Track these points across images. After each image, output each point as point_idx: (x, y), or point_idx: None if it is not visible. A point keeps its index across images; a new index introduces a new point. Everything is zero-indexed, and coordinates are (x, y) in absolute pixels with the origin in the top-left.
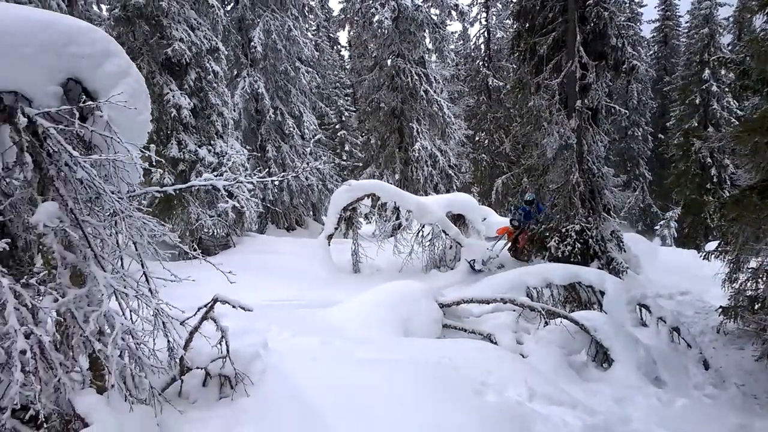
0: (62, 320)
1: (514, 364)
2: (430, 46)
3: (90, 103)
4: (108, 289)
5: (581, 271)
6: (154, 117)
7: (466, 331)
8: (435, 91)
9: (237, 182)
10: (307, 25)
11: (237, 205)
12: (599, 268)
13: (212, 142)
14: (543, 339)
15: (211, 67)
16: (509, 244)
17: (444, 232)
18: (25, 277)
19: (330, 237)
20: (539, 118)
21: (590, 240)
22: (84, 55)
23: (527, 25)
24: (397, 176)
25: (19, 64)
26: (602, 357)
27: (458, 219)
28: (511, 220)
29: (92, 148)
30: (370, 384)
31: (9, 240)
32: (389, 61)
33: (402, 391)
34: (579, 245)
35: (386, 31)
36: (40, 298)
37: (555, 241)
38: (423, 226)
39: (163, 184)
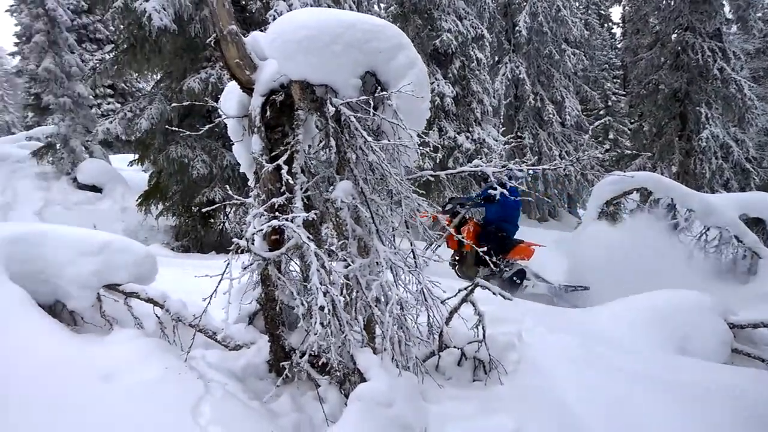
0: (349, 284)
1: None
2: (729, 15)
3: (384, 93)
4: (387, 262)
5: None
6: None
7: (764, 361)
8: (733, 69)
9: (506, 169)
10: (577, 4)
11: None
12: None
13: (470, 129)
14: None
15: (475, 55)
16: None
17: (736, 238)
18: (327, 244)
19: None
20: None
21: None
22: (381, 50)
23: None
24: (674, 169)
25: (331, 60)
26: None
27: (756, 224)
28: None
29: (380, 134)
30: (643, 403)
31: (316, 212)
32: (674, 36)
33: (687, 424)
34: None
35: (672, 2)
36: (333, 263)
37: None
38: (707, 229)
39: (423, 168)
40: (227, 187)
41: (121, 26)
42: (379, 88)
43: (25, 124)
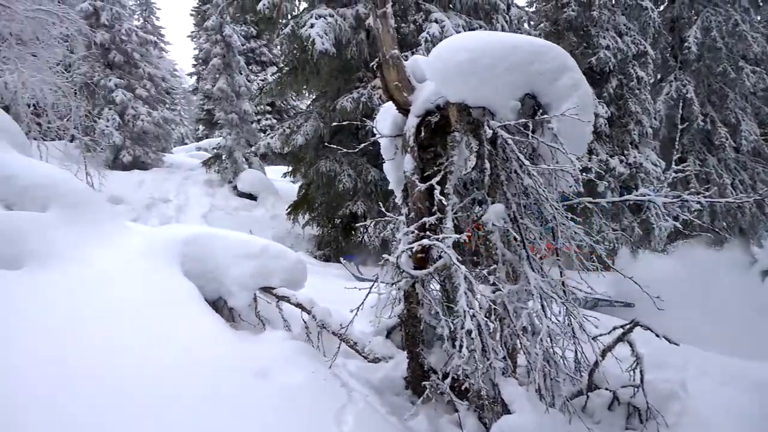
0: (496, 310)
1: None
2: None
3: (545, 116)
4: (537, 290)
5: None
6: None
7: None
8: None
9: (680, 200)
10: (759, 17)
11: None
12: None
13: (625, 151)
14: None
15: (635, 73)
16: None
17: None
18: (478, 268)
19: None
20: None
21: None
22: (543, 72)
23: None
24: None
25: (490, 82)
26: None
27: None
28: None
29: (536, 157)
30: None
31: (463, 234)
32: None
33: None
34: None
35: None
36: (481, 286)
37: None
38: None
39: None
40: (370, 201)
41: (287, 50)
42: (539, 110)
43: (196, 136)
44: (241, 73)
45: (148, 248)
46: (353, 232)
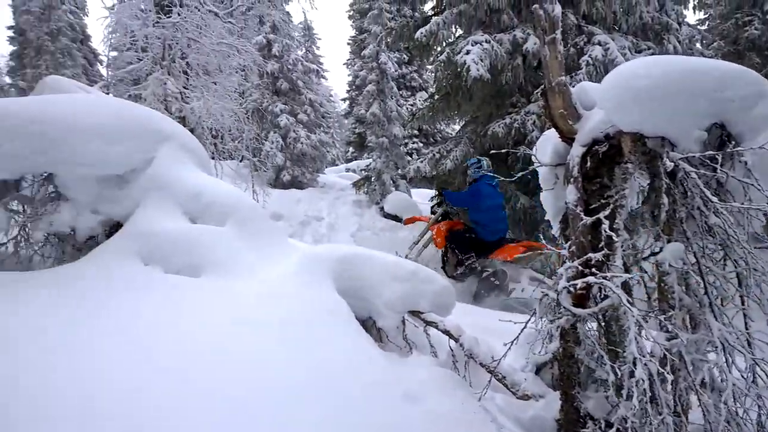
0: (671, 360)
1: None
2: None
3: (741, 149)
4: (721, 342)
5: None
6: None
7: None
8: None
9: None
10: None
11: None
12: None
13: None
14: None
15: None
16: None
17: None
18: (653, 312)
19: None
20: None
21: None
22: (735, 99)
23: None
24: None
25: (672, 111)
26: None
27: None
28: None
29: (723, 193)
30: None
31: (636, 274)
32: None
33: None
34: None
35: None
36: (653, 332)
37: None
38: None
39: None
40: (517, 229)
41: (440, 76)
42: (729, 141)
43: (345, 158)
44: (393, 99)
45: (306, 264)
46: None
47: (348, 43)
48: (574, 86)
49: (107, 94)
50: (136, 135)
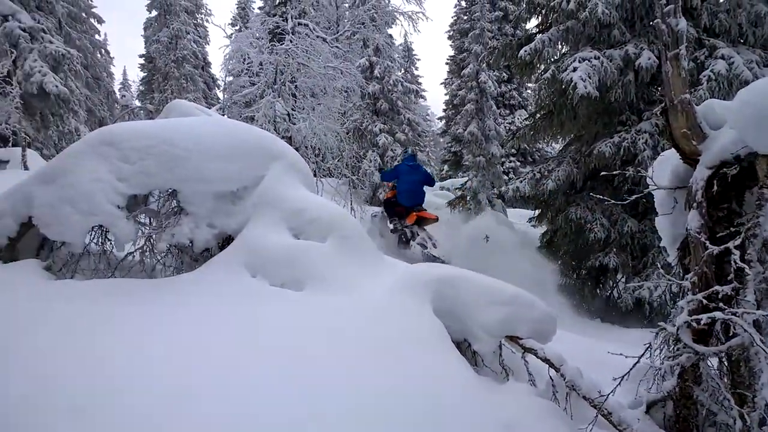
0: None
1: None
2: None
3: None
4: None
5: None
6: None
7: None
8: None
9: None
10: None
11: None
12: None
13: None
14: None
15: None
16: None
17: None
18: None
19: None
20: None
21: None
22: None
23: None
24: None
25: None
26: None
27: None
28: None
29: None
30: None
31: None
32: None
33: None
34: None
35: None
36: None
37: None
38: None
39: None
40: (624, 254)
41: (544, 95)
42: None
43: (440, 176)
44: (492, 118)
45: (404, 282)
46: (601, 286)
47: (446, 63)
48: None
49: (223, 115)
50: (249, 154)
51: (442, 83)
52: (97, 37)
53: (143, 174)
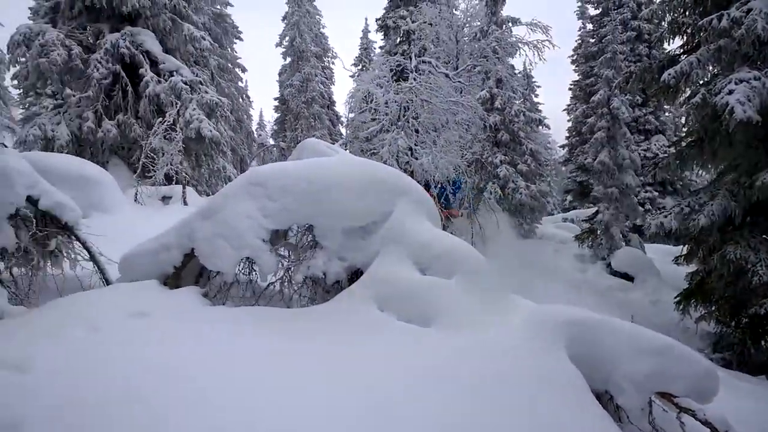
0: None
1: None
2: None
3: None
4: None
5: None
6: None
7: None
8: None
9: None
10: None
11: None
12: None
13: None
14: None
15: None
16: None
17: None
18: None
19: None
20: None
21: None
22: None
23: None
24: None
25: None
26: None
27: None
28: None
29: None
30: None
31: None
32: None
33: None
34: None
35: None
36: None
37: None
38: None
39: None
40: None
41: (692, 121)
42: None
43: (563, 207)
44: (625, 146)
45: (535, 324)
46: (766, 338)
47: (570, 88)
48: None
49: (345, 149)
50: (378, 191)
51: (564, 109)
52: (240, 83)
53: (285, 210)
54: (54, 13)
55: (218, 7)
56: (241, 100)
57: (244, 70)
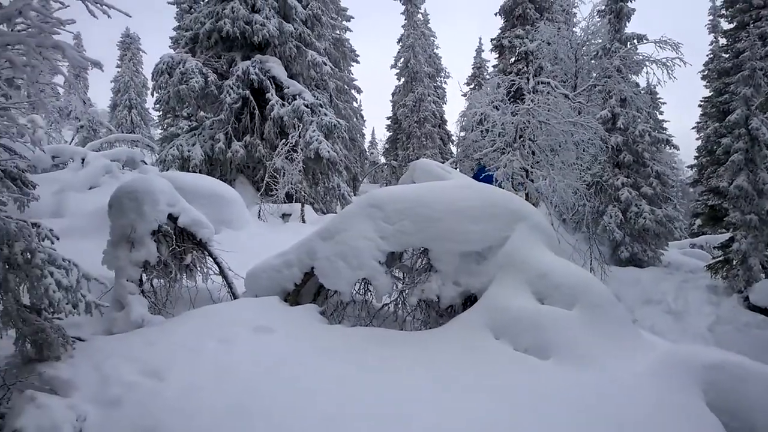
0: None
1: None
2: None
3: None
4: None
5: None
6: None
7: None
8: None
9: None
10: None
11: None
12: None
13: None
14: None
15: None
16: None
17: None
18: None
19: None
20: None
21: None
22: None
23: None
24: None
25: None
26: None
27: None
28: None
29: None
30: None
31: None
32: None
33: None
34: None
35: None
36: None
37: None
38: None
39: None
40: None
41: None
42: None
43: (690, 232)
44: (766, 169)
45: (666, 365)
46: None
47: (700, 105)
48: None
49: (455, 168)
50: (495, 216)
51: (694, 127)
52: (354, 104)
53: (401, 233)
54: (193, 44)
55: (338, 32)
56: (355, 119)
57: (359, 91)
